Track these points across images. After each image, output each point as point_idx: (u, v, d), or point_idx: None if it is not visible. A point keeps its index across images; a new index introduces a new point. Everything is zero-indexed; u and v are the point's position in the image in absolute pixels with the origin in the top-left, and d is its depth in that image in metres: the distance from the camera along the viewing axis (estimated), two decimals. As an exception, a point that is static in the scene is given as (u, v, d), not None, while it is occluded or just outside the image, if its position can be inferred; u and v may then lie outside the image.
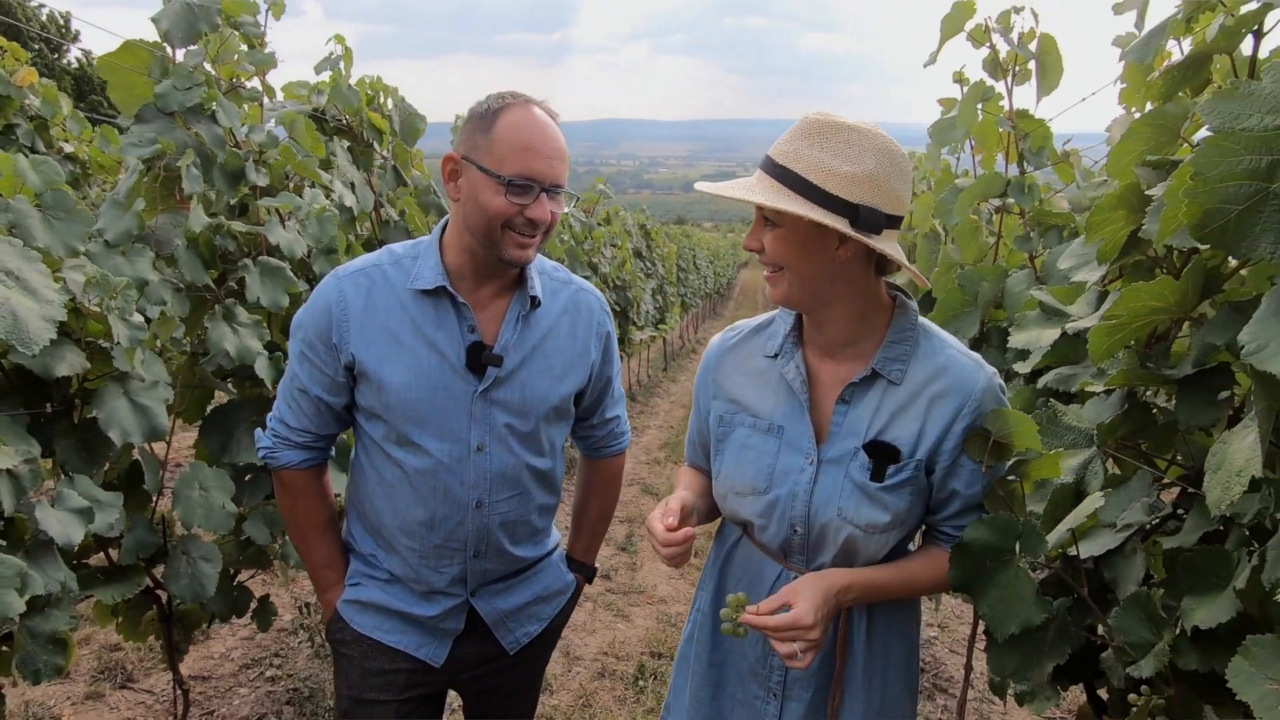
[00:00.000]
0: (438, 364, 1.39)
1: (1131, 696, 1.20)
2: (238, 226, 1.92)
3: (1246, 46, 1.15)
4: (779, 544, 1.32)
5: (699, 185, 1.28)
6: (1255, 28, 1.11)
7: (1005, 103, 2.16)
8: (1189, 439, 1.27)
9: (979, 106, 2.17)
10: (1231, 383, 1.16)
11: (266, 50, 2.11)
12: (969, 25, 2.10)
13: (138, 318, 1.59)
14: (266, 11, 2.10)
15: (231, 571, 2.10)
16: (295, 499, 1.51)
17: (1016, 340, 1.56)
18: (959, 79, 2.35)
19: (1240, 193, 0.82)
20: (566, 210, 1.43)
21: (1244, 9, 1.08)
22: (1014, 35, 2.10)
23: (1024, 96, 2.22)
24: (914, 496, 1.25)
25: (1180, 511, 1.24)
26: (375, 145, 2.76)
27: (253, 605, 2.17)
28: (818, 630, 1.15)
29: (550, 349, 1.47)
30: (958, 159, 2.71)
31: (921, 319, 1.29)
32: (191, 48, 1.96)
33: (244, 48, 2.14)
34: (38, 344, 1.31)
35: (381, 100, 2.88)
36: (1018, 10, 2.08)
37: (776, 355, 1.33)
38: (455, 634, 1.51)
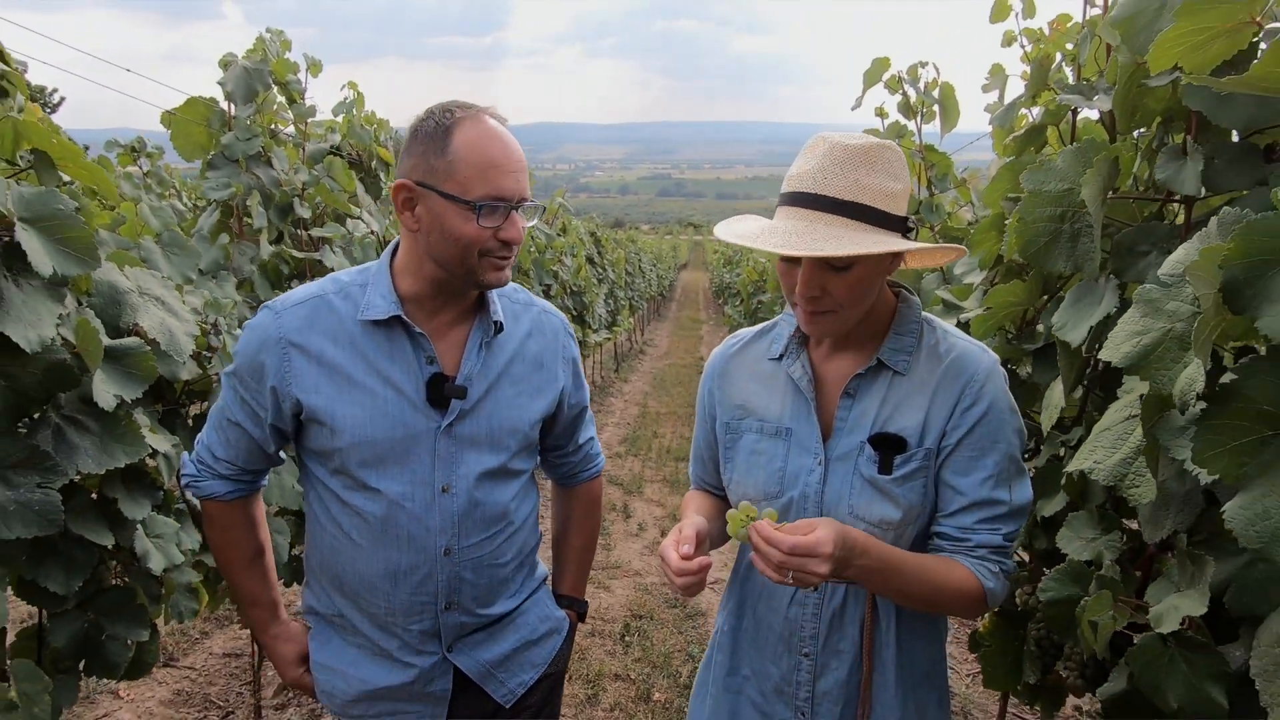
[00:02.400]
0: (394, 400, 1.28)
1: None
2: (296, 254, 2.30)
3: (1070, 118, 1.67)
4: None
5: (746, 242, 1.11)
6: (1073, 109, 1.62)
7: (916, 138, 2.68)
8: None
9: (896, 141, 2.69)
10: (1068, 352, 1.66)
11: (307, 104, 2.49)
12: (885, 76, 2.62)
13: (237, 331, 1.97)
14: (305, 71, 2.49)
15: (290, 544, 2.47)
16: (218, 532, 1.41)
17: (926, 328, 2.05)
18: (880, 114, 2.88)
19: (1046, 229, 1.32)
20: (533, 223, 1.32)
21: (1064, 99, 1.58)
22: (921, 84, 2.62)
23: (931, 133, 2.75)
24: (925, 489, 1.20)
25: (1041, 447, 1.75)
26: (382, 175, 3.14)
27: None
28: (826, 565, 1.04)
29: (517, 375, 1.37)
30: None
31: (925, 313, 1.26)
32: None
33: (281, 99, 2.52)
34: (185, 354, 1.69)
35: (378, 135, 3.26)
36: (923, 64, 2.61)
37: (781, 357, 1.30)
38: (446, 697, 1.38)
